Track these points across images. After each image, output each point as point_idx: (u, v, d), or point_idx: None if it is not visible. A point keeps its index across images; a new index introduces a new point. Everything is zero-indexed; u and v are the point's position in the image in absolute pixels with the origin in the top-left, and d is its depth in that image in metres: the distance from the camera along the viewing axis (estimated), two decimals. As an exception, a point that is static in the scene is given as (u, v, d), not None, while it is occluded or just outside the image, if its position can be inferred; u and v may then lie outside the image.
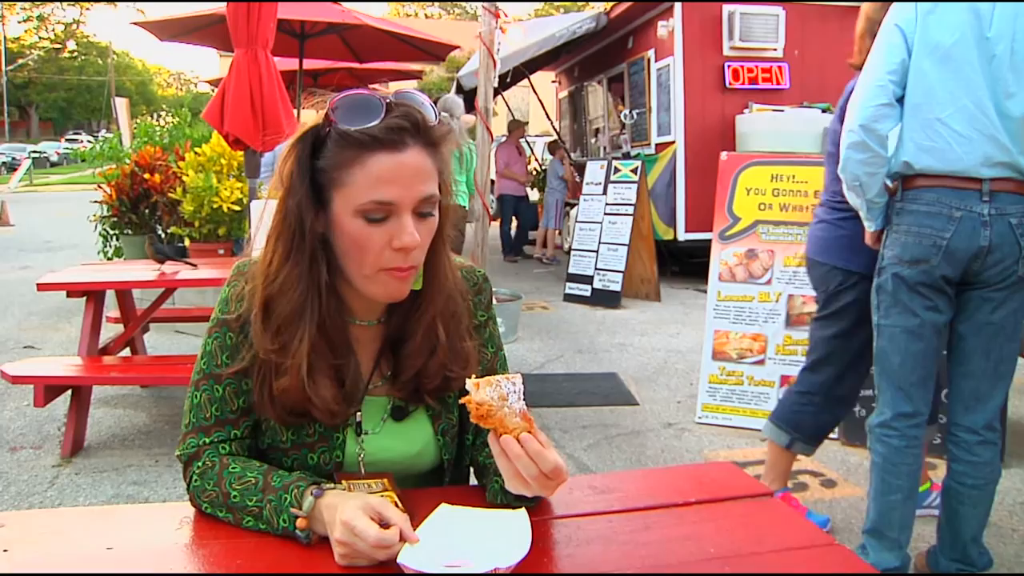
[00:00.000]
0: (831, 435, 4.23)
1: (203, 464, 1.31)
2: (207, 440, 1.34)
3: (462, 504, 1.25)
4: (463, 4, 59.77)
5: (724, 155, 4.95)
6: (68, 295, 4.41)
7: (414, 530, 1.13)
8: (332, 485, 1.24)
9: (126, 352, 5.00)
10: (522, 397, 1.19)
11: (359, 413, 1.39)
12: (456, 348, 1.41)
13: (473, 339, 1.46)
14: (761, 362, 4.58)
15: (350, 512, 1.11)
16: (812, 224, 3.24)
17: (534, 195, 13.50)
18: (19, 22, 61.88)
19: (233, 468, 1.29)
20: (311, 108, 1.35)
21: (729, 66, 9.44)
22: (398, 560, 1.06)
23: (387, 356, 1.43)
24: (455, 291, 1.43)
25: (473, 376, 1.18)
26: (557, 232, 12.25)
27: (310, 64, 8.50)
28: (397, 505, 1.24)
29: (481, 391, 1.16)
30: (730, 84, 9.46)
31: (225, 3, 4.57)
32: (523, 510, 1.22)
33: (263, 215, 1.46)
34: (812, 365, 3.24)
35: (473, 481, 1.54)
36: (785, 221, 4.62)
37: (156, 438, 4.30)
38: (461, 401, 1.18)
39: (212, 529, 1.25)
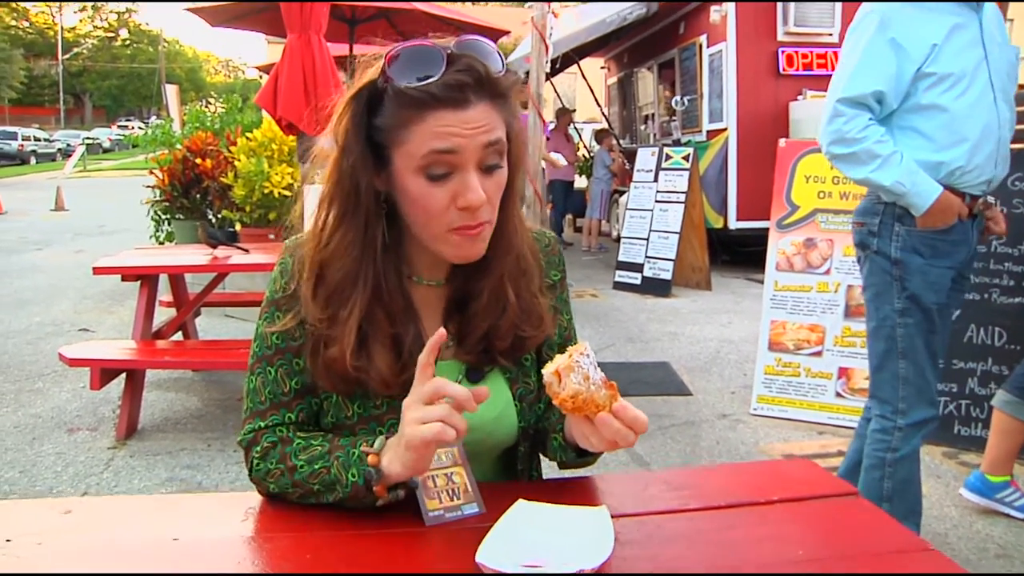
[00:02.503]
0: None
1: (262, 447, 1.27)
2: (263, 424, 1.30)
3: (539, 500, 1.20)
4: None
5: (783, 142, 4.83)
6: (123, 279, 4.44)
7: (491, 529, 1.08)
8: None
9: (178, 336, 5.03)
10: (597, 365, 1.13)
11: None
12: (528, 307, 1.34)
13: (546, 297, 1.39)
14: (819, 353, 4.47)
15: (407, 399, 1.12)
16: None
17: (581, 182, 13.36)
18: (74, 12, 63.04)
19: (297, 442, 1.25)
20: (368, 61, 1.25)
21: (783, 52, 9.24)
22: (477, 559, 1.00)
23: (453, 318, 1.35)
24: (525, 249, 1.36)
25: (547, 367, 1.11)
26: (603, 221, 12.11)
27: (360, 50, 8.46)
28: (467, 481, 1.22)
29: (566, 382, 1.08)
30: (784, 70, 9.26)
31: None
32: (604, 508, 1.16)
33: (307, 199, 1.41)
34: None
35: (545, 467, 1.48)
36: (845, 210, 4.49)
37: (208, 422, 4.32)
38: (555, 403, 1.11)
39: (279, 521, 1.21)
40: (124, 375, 4.12)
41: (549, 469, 1.47)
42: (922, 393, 2.60)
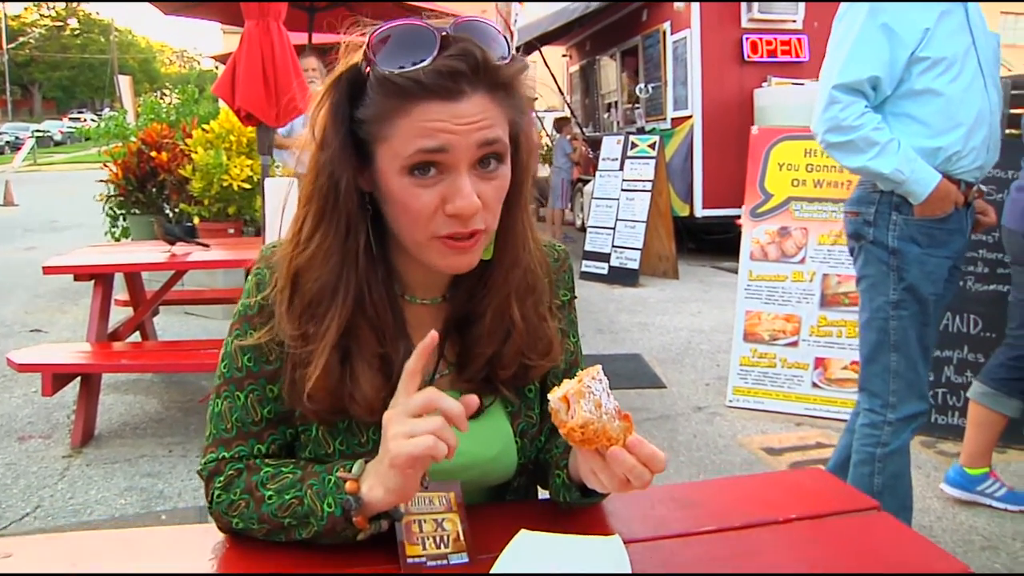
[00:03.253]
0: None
1: (226, 476, 1.12)
2: (227, 455, 1.14)
3: (539, 523, 1.08)
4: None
5: (755, 129, 4.77)
6: (75, 279, 4.24)
7: (494, 565, 0.96)
8: None
9: (136, 337, 4.85)
10: (610, 392, 1.00)
11: None
12: (535, 330, 1.19)
13: (556, 320, 1.24)
14: (795, 344, 4.41)
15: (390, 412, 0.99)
16: (1012, 192, 3.17)
17: (543, 171, 13.25)
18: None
19: (265, 469, 1.10)
20: (353, 43, 1.08)
21: (747, 38, 9.22)
22: None
23: (452, 340, 1.20)
24: (534, 263, 1.20)
25: (554, 392, 0.98)
26: (566, 210, 12.00)
27: (319, 38, 8.26)
28: (460, 529, 1.07)
29: (575, 410, 0.96)
30: (748, 57, 9.24)
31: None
32: (617, 537, 1.04)
33: (286, 197, 1.25)
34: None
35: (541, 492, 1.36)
36: (819, 198, 4.44)
37: (169, 426, 4.15)
38: (562, 432, 0.98)
39: (249, 559, 1.08)
40: (79, 379, 3.93)
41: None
42: (913, 387, 2.54)
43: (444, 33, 1.01)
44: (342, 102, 1.06)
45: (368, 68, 1.03)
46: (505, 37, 1.07)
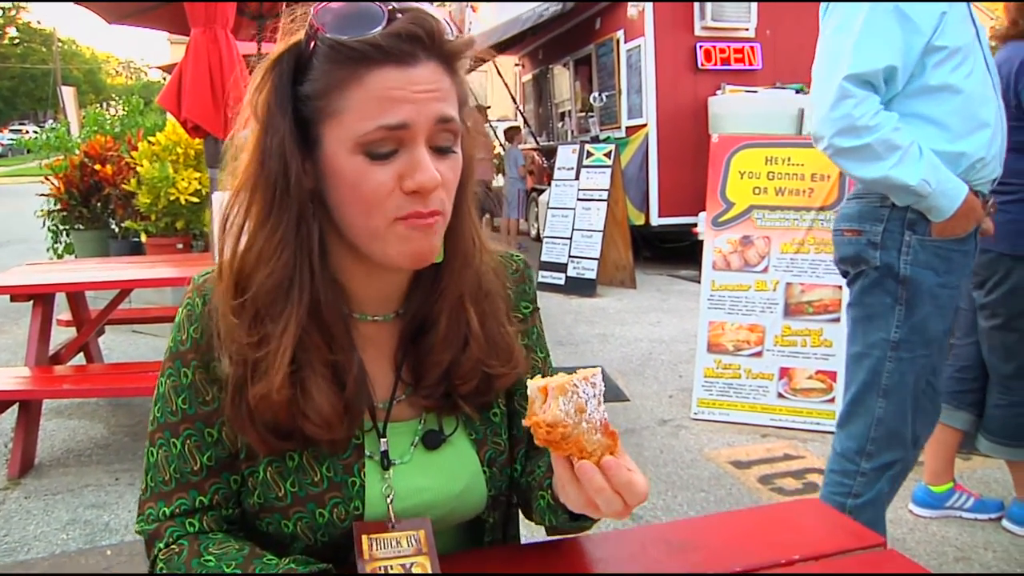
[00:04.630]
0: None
1: (167, 547, 1.00)
2: (167, 511, 1.02)
3: (518, 570, 0.97)
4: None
5: (715, 137, 4.72)
6: (12, 299, 4.03)
7: None
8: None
9: (80, 359, 4.64)
10: (602, 401, 0.90)
11: (384, 441, 1.07)
12: (494, 337, 1.10)
13: (516, 331, 1.15)
14: (759, 354, 4.36)
15: None
16: None
17: (497, 180, 13.18)
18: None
19: (206, 558, 0.98)
20: (291, 25, 1.01)
21: (701, 47, 9.24)
22: None
23: (408, 355, 1.10)
24: (486, 265, 1.12)
25: (535, 379, 0.88)
26: (521, 220, 11.93)
27: (268, 48, 8.09)
28: (431, 573, 0.96)
29: (551, 404, 0.85)
30: (702, 65, 9.27)
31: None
32: None
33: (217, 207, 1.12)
34: (1017, 372, 2.92)
35: (523, 527, 1.26)
36: (781, 206, 4.40)
37: (115, 452, 3.96)
38: (526, 423, 0.87)
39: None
40: (17, 406, 3.73)
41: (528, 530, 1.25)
42: (896, 436, 2.23)
43: (391, 7, 0.94)
44: (285, 81, 0.97)
45: (313, 42, 0.95)
46: (446, 20, 1.00)
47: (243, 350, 0.98)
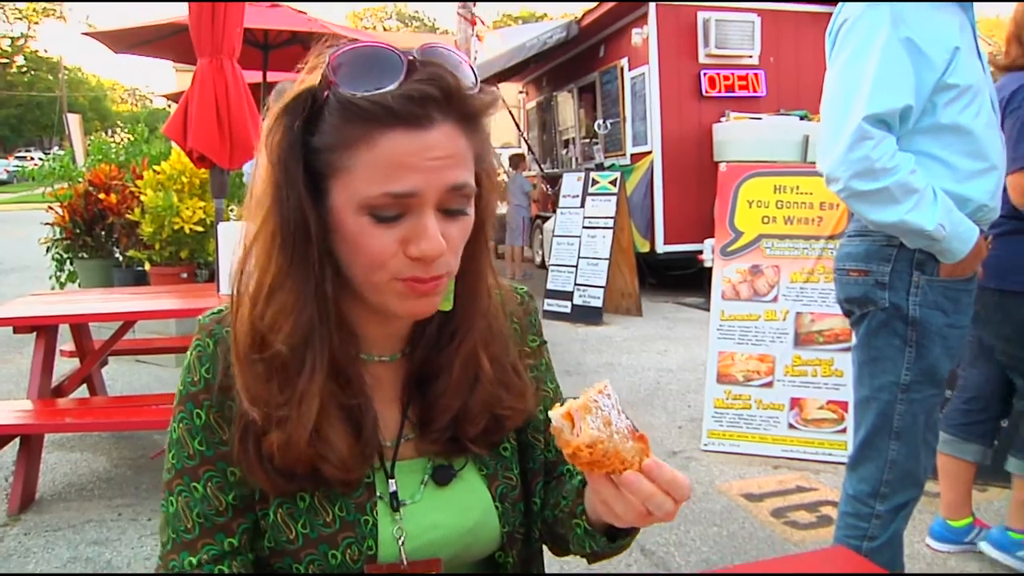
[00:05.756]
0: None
1: None
2: (194, 560, 0.98)
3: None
4: (421, 16, 59.71)
5: (723, 166, 4.70)
6: (15, 331, 3.99)
7: None
8: None
9: (83, 390, 4.59)
10: (622, 409, 0.88)
11: (392, 482, 1.04)
12: (504, 378, 1.07)
13: (524, 367, 1.12)
14: (769, 384, 4.31)
15: None
16: None
17: (500, 208, 13.18)
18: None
19: None
20: (307, 64, 0.97)
21: (705, 74, 9.26)
22: None
23: (414, 400, 1.08)
24: (497, 307, 1.09)
25: (556, 410, 0.86)
26: (526, 247, 11.91)
27: (274, 76, 8.11)
28: None
29: (581, 426, 0.84)
30: (706, 92, 9.28)
31: (188, 3, 4.19)
32: None
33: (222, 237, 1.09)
34: None
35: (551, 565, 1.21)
36: (790, 235, 4.37)
37: (118, 486, 3.90)
38: (567, 452, 0.85)
39: None
40: (18, 439, 3.68)
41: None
42: (909, 476, 2.16)
43: (411, 57, 0.91)
44: (298, 128, 0.93)
45: (327, 92, 0.92)
46: (471, 66, 0.95)
47: (267, 404, 0.96)
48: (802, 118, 8.75)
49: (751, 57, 9.37)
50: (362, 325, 1.04)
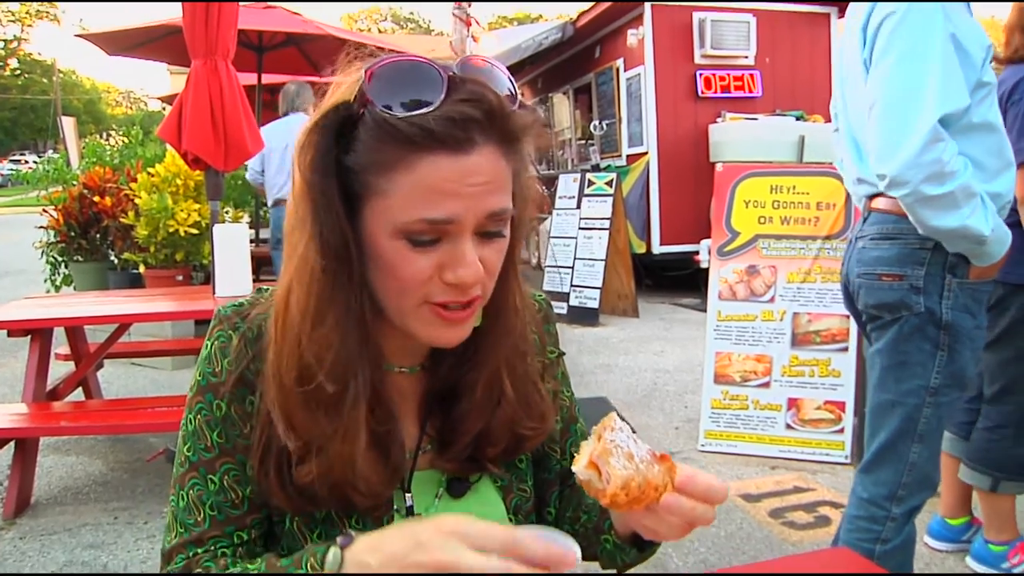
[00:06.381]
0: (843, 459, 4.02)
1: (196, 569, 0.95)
2: (201, 551, 0.97)
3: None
4: (416, 18, 59.65)
5: (719, 166, 4.69)
6: (9, 335, 3.97)
7: None
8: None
9: (78, 393, 4.57)
10: (637, 436, 0.88)
11: (408, 496, 1.02)
12: (527, 399, 1.05)
13: (547, 382, 1.10)
14: (766, 384, 4.30)
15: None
16: None
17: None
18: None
19: (232, 569, 0.93)
20: (339, 71, 0.93)
21: (701, 74, 9.24)
22: None
23: (434, 415, 1.06)
24: (524, 326, 1.06)
25: (577, 462, 0.85)
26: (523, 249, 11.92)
27: (269, 79, 8.10)
28: None
29: (608, 473, 0.83)
30: (702, 93, 9.26)
31: (181, 4, 4.18)
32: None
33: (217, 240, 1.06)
34: (995, 396, 2.87)
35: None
36: (787, 235, 4.36)
37: (114, 489, 3.88)
38: (606, 504, 0.84)
39: None
40: (13, 443, 3.66)
41: None
42: (926, 480, 2.14)
43: (451, 73, 0.87)
44: (331, 147, 0.89)
45: (363, 109, 0.87)
46: (510, 78, 0.93)
47: (309, 435, 0.93)
48: (798, 118, 8.75)
49: (747, 58, 9.36)
50: (385, 337, 1.01)
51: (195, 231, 6.16)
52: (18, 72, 62.77)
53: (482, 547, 0.74)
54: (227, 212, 5.35)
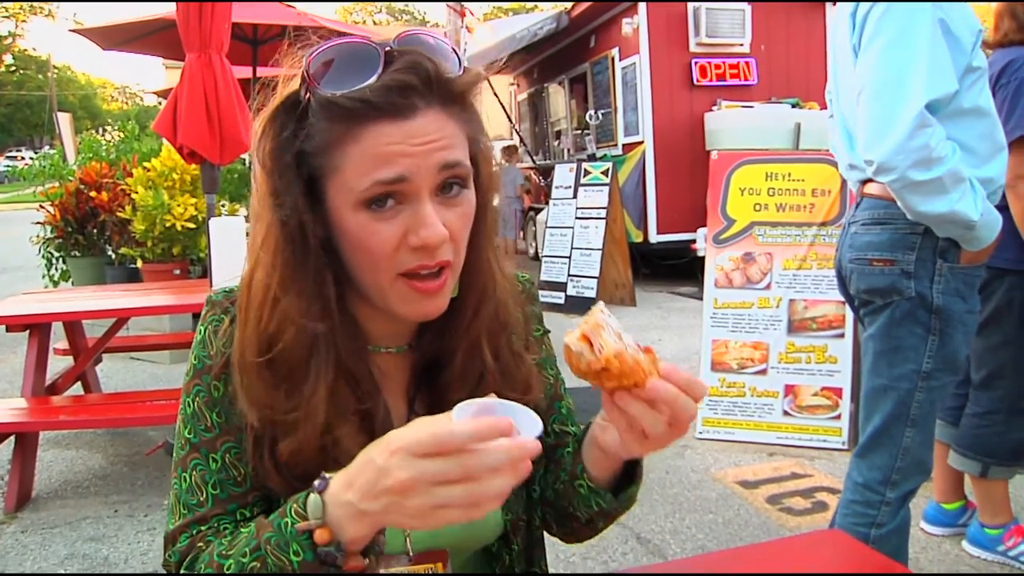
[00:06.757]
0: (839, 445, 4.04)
1: (194, 554, 0.96)
2: (204, 528, 0.99)
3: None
4: (411, 10, 59.46)
5: (715, 154, 4.70)
6: (7, 330, 3.98)
7: None
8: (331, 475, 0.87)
9: (77, 388, 4.59)
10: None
11: None
12: (510, 370, 1.07)
13: (532, 355, 1.12)
14: (763, 372, 4.32)
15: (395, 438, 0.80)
16: None
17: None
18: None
19: (224, 538, 0.95)
20: (283, 62, 0.97)
21: (696, 63, 9.24)
22: None
23: (422, 391, 1.08)
24: (505, 297, 1.08)
25: (569, 335, 0.87)
26: (518, 240, 11.92)
27: (264, 72, 8.08)
28: None
29: (602, 343, 0.84)
30: (698, 81, 9.27)
31: (174, 3, 4.18)
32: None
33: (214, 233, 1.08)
34: (983, 382, 2.88)
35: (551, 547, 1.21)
36: (782, 222, 4.37)
37: (114, 483, 3.90)
38: (595, 369, 0.85)
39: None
40: (13, 438, 3.67)
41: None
42: (920, 464, 2.14)
43: (388, 48, 0.91)
44: (287, 136, 0.93)
45: (308, 94, 0.92)
46: (454, 49, 0.96)
47: (271, 410, 0.95)
48: (793, 106, 8.76)
49: (742, 45, 9.36)
50: (370, 320, 1.04)
51: (191, 225, 6.17)
52: (13, 68, 62.56)
53: (426, 453, 0.76)
54: (223, 206, 5.36)
